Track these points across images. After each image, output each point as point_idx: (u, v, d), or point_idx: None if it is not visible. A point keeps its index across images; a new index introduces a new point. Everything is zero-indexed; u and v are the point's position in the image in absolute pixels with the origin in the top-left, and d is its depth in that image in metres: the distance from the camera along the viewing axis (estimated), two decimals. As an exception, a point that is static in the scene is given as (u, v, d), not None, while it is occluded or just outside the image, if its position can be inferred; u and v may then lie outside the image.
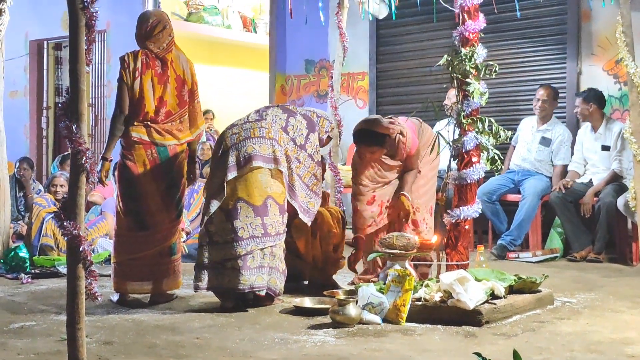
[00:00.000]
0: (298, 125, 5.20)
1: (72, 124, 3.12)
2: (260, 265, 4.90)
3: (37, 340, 4.13)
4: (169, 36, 5.33)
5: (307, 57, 10.39)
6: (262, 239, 4.89)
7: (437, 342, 4.08)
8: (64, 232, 3.11)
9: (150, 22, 5.28)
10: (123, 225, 5.30)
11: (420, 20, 8.98)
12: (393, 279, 4.60)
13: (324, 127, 5.40)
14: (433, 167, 5.83)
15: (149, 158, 5.23)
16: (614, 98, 8.04)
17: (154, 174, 5.24)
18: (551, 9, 8.44)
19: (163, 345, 4.03)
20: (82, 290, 3.12)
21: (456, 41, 5.08)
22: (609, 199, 7.07)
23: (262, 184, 4.94)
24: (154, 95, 5.22)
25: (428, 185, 5.80)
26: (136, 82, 5.18)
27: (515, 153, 7.99)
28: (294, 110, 5.32)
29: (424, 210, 5.75)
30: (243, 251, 4.84)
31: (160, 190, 5.27)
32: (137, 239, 5.25)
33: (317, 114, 5.43)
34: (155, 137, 5.22)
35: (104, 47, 11.81)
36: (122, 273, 5.25)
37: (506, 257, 7.39)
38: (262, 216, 4.90)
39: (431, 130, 5.95)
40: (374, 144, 5.58)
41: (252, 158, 4.94)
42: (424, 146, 5.72)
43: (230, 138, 5.07)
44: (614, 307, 5.03)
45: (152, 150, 5.24)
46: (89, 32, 3.18)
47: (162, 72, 5.25)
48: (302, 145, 5.16)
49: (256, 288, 4.87)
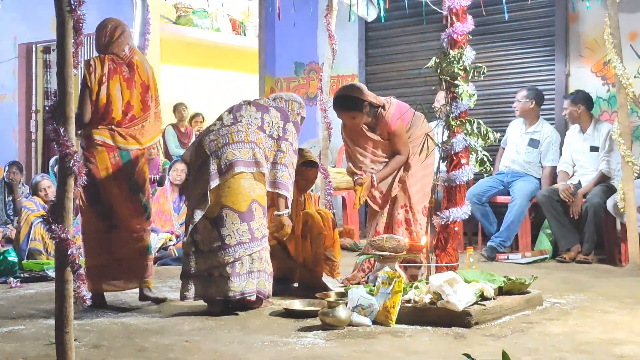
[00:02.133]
0: (273, 120, 5.14)
1: (60, 127, 3.11)
2: (249, 270, 4.88)
3: (26, 344, 4.12)
4: (130, 40, 5.41)
5: (297, 60, 10.39)
6: (250, 245, 4.88)
7: (427, 344, 4.08)
8: (52, 235, 3.10)
9: (108, 28, 5.36)
10: (92, 228, 5.32)
11: (409, 22, 9.00)
12: (383, 280, 4.60)
13: (295, 110, 5.34)
14: (424, 166, 5.79)
15: (111, 162, 5.27)
16: (602, 99, 8.07)
17: (117, 178, 5.27)
18: (539, 11, 8.46)
19: (152, 348, 4.02)
20: (70, 293, 3.11)
21: (444, 43, 5.09)
22: (597, 200, 7.09)
23: (246, 188, 4.92)
24: (123, 99, 5.27)
25: (418, 185, 5.79)
26: (103, 87, 5.21)
27: (504, 155, 8.01)
28: (266, 105, 5.24)
29: (416, 210, 5.76)
30: (231, 258, 4.82)
31: (124, 194, 5.29)
32: (109, 239, 5.29)
33: (284, 99, 5.36)
34: (118, 141, 5.25)
35: (92, 50, 11.79)
36: (99, 274, 5.25)
37: (496, 258, 7.41)
38: (249, 221, 4.89)
39: (427, 127, 5.92)
40: (352, 109, 5.73)
41: (234, 164, 4.90)
42: (414, 139, 5.75)
43: (208, 145, 5.00)
44: (603, 307, 5.04)
45: (115, 154, 5.27)
46: (76, 35, 3.17)
47: (130, 76, 5.29)
48: (281, 136, 5.11)
49: (247, 294, 4.86)
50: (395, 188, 5.77)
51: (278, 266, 5.54)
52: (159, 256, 7.61)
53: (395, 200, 5.78)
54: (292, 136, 5.17)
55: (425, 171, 5.84)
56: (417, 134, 5.78)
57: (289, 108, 5.32)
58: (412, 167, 5.78)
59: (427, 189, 5.78)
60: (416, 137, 5.76)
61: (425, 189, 5.80)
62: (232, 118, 5.12)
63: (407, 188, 5.75)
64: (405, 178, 5.78)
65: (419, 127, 5.83)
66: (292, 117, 5.28)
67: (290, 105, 5.34)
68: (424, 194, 5.78)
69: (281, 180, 5.05)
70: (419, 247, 5.41)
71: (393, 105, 5.81)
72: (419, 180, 5.81)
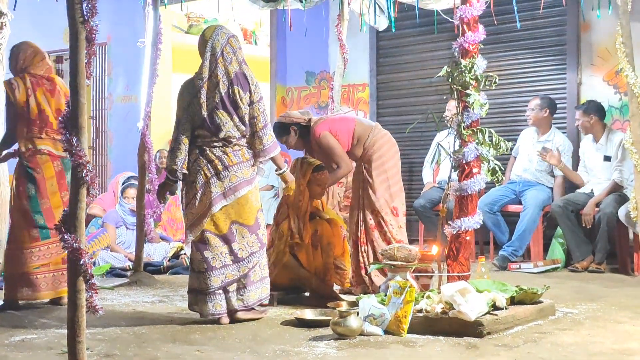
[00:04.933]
0: (238, 98, 4.89)
1: (73, 137, 3.13)
2: (262, 277, 4.99)
3: (38, 353, 4.13)
4: (47, 66, 5.68)
5: (308, 69, 10.41)
6: (260, 252, 4.98)
7: (439, 354, 4.07)
8: (64, 245, 3.11)
9: (27, 52, 5.62)
10: (25, 238, 5.51)
11: (420, 32, 9.00)
12: (394, 290, 4.59)
13: (237, 57, 4.97)
14: (382, 171, 5.96)
15: (55, 170, 5.52)
16: (614, 108, 8.05)
17: (61, 185, 5.51)
18: (550, 20, 8.45)
19: (164, 357, 4.02)
20: (82, 303, 3.12)
21: (456, 52, 5.09)
22: (610, 209, 7.06)
23: (252, 202, 4.96)
24: (51, 107, 5.51)
25: (381, 190, 5.93)
26: (31, 99, 5.46)
27: (516, 164, 8.00)
28: (237, 110, 4.93)
29: (385, 212, 5.91)
30: (246, 269, 4.89)
31: (64, 200, 5.43)
32: (40, 249, 5.51)
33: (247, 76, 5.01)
34: (60, 149, 5.33)
35: (104, 60, 11.85)
36: (21, 282, 5.46)
37: (507, 268, 7.39)
38: (256, 231, 4.96)
39: (387, 138, 6.07)
40: (280, 135, 5.98)
41: (238, 187, 4.89)
42: (376, 150, 5.96)
43: (207, 167, 4.88)
44: (616, 317, 5.02)
45: (58, 162, 5.54)
46: (89, 46, 3.20)
47: (52, 87, 5.57)
48: (253, 102, 4.94)
49: (263, 299, 5.01)
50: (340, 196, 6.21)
51: (290, 276, 5.56)
52: (170, 265, 7.63)
53: (364, 206, 5.96)
54: (254, 89, 4.93)
55: (387, 174, 5.99)
56: (377, 145, 5.97)
57: (236, 67, 4.94)
58: (373, 175, 5.93)
59: (394, 189, 5.99)
60: (376, 147, 5.97)
61: (390, 189, 5.98)
62: (223, 140, 4.90)
63: (370, 195, 5.93)
64: (368, 185, 5.95)
65: (374, 137, 6.00)
66: (245, 70, 4.97)
67: (235, 63, 4.94)
68: (390, 195, 5.96)
69: (267, 145, 4.97)
70: (431, 257, 5.40)
71: (324, 119, 6.08)
72: (381, 185, 5.95)
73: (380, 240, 5.85)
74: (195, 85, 4.92)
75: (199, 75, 4.93)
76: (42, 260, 5.51)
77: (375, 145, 5.97)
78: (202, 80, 4.91)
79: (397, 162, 6.10)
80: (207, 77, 4.91)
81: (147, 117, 7.03)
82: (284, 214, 5.57)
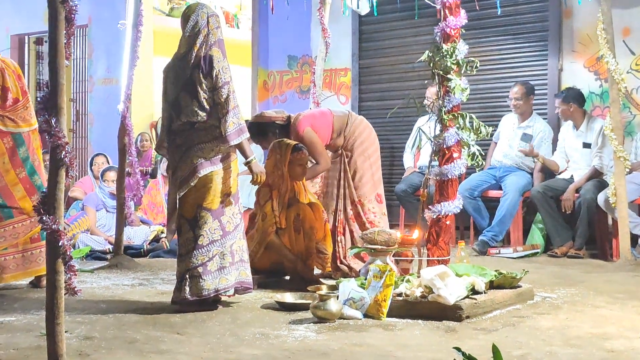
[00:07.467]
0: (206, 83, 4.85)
1: (52, 118, 3.10)
2: (220, 266, 4.76)
3: (17, 335, 4.11)
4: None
5: (290, 53, 10.38)
6: (222, 241, 4.78)
7: (418, 337, 4.09)
8: (43, 226, 3.10)
9: None
10: None
11: (403, 16, 8.98)
12: (374, 274, 4.60)
13: (210, 35, 4.90)
14: (366, 157, 6.03)
15: (6, 146, 5.36)
16: (595, 95, 8.09)
17: (14, 162, 5.37)
18: (532, 5, 8.46)
19: (144, 340, 4.01)
20: (61, 285, 3.11)
21: (437, 37, 5.09)
22: (590, 195, 7.11)
23: (217, 184, 4.79)
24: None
25: (367, 176, 6.01)
26: None
27: (497, 149, 8.03)
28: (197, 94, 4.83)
29: (368, 200, 5.99)
30: (205, 258, 4.72)
31: (21, 177, 5.37)
32: (6, 229, 5.39)
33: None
34: (9, 125, 5.32)
35: (85, 42, 11.76)
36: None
37: (487, 252, 7.43)
38: (219, 217, 4.78)
39: (365, 123, 6.15)
40: (260, 135, 5.97)
41: (197, 168, 4.75)
42: (357, 137, 6.03)
43: (177, 150, 4.85)
44: (594, 302, 5.06)
45: (8, 139, 5.37)
46: (68, 26, 3.16)
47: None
48: (216, 87, 4.85)
49: (221, 290, 4.77)
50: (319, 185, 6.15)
51: (273, 258, 5.55)
52: (151, 248, 7.61)
53: (344, 196, 6.01)
54: (217, 73, 4.87)
55: (370, 160, 6.07)
56: (356, 133, 6.04)
57: (206, 50, 4.87)
58: (357, 161, 6.00)
59: (377, 175, 6.11)
60: (356, 136, 6.04)
61: (374, 177, 6.07)
62: (187, 122, 4.83)
63: (351, 185, 6.00)
64: (350, 174, 6.02)
65: (352, 125, 6.07)
66: (214, 54, 4.90)
67: (206, 46, 4.88)
68: (374, 182, 6.06)
69: (229, 132, 4.75)
70: (411, 241, 5.42)
71: (304, 115, 6.06)
72: (367, 172, 6.03)
73: (360, 232, 5.85)
74: (171, 65, 4.93)
75: (177, 53, 4.92)
76: (9, 241, 5.38)
77: (356, 132, 6.02)
78: (177, 58, 4.90)
79: (377, 147, 6.16)
80: (184, 53, 4.87)
81: (127, 100, 6.99)
82: (267, 195, 5.55)
